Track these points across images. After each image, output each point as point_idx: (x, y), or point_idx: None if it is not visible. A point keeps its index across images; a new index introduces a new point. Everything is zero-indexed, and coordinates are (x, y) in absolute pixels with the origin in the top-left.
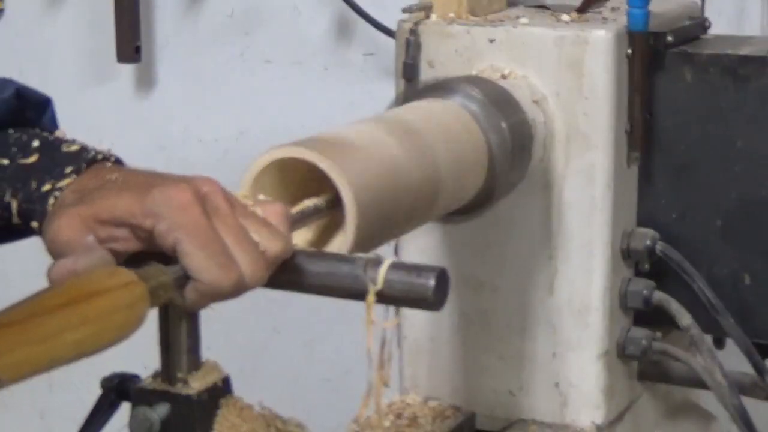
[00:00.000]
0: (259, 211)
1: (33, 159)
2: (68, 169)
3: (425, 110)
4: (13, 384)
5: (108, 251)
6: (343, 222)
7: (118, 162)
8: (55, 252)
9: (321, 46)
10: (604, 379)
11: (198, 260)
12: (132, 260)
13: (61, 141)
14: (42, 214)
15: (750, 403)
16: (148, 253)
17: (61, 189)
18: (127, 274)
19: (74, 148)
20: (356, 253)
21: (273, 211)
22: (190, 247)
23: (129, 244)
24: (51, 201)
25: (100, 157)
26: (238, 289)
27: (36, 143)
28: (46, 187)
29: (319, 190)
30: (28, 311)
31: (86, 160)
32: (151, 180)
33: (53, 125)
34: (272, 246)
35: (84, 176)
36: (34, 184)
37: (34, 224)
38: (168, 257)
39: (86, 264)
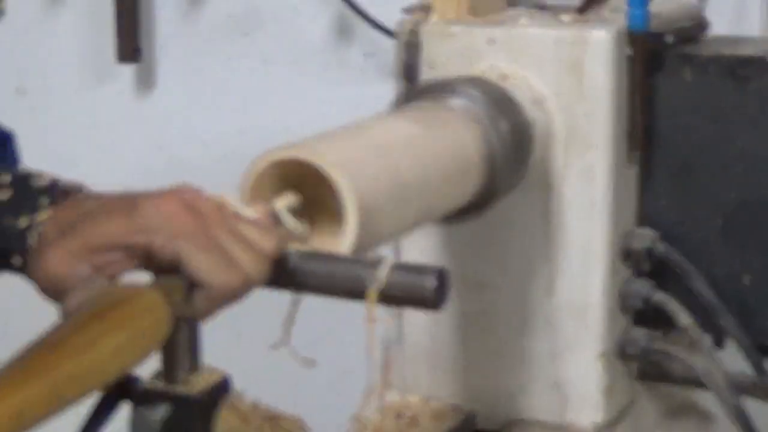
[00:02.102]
0: (244, 210)
1: (7, 195)
2: (44, 202)
3: (425, 110)
4: (73, 403)
5: (107, 277)
6: (344, 222)
7: (89, 191)
8: (51, 290)
9: (321, 46)
10: (603, 379)
11: (205, 265)
12: None
13: (31, 174)
14: (23, 252)
15: (750, 404)
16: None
17: (40, 224)
18: (146, 290)
19: (44, 182)
20: (356, 254)
21: (257, 209)
22: (194, 254)
23: (125, 265)
24: (33, 238)
25: (71, 188)
26: (246, 289)
27: (7, 178)
28: (23, 222)
29: (319, 190)
30: (63, 331)
31: (61, 192)
32: (131, 198)
33: (15, 160)
34: (266, 243)
35: (61, 209)
36: (9, 221)
37: (15, 261)
38: (166, 270)
39: (89, 295)
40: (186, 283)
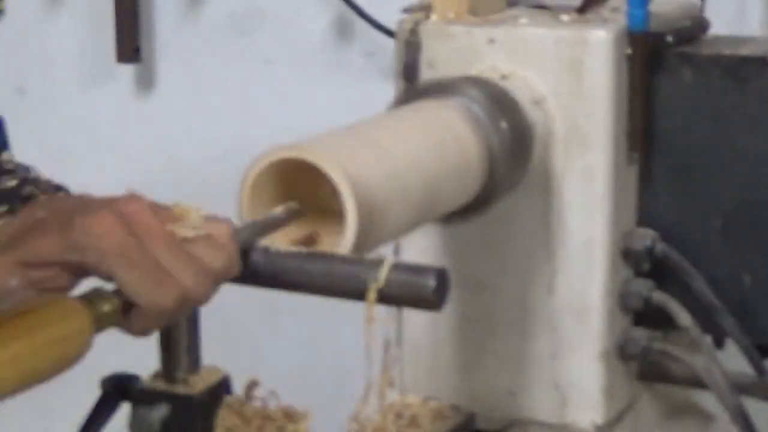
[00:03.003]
0: (198, 225)
1: None
2: (2, 209)
3: (425, 110)
4: None
5: (41, 291)
6: (343, 222)
7: (59, 189)
8: None
9: (321, 46)
10: (603, 379)
11: (132, 282)
12: None
13: (1, 172)
14: None
15: (750, 404)
16: None
17: None
18: (66, 299)
19: (12, 182)
20: (356, 254)
21: (216, 226)
22: (122, 271)
23: (62, 281)
24: None
25: (36, 192)
26: (181, 306)
27: None
28: None
29: (319, 190)
30: None
31: (20, 198)
32: (73, 212)
33: (2, 145)
34: (213, 259)
35: (14, 219)
36: None
37: None
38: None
39: (9, 304)
40: (122, 299)
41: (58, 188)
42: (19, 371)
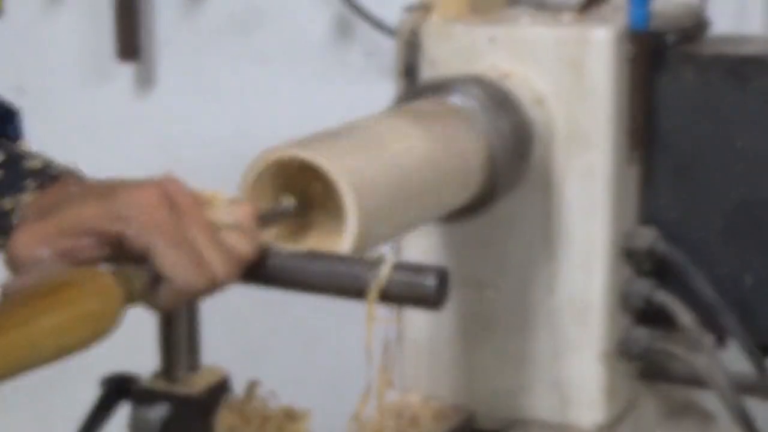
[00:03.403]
0: (227, 211)
1: None
2: (31, 186)
3: (425, 110)
4: (5, 380)
5: (72, 261)
6: (344, 222)
7: (81, 178)
8: (13, 270)
9: (321, 46)
10: (604, 378)
11: (172, 260)
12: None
13: (24, 155)
14: (6, 233)
15: (750, 403)
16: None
17: (24, 206)
18: (101, 274)
19: (37, 164)
20: (356, 254)
21: (241, 211)
22: (163, 248)
23: (96, 252)
24: (15, 219)
25: (63, 173)
26: (211, 288)
27: (1, 157)
28: (8, 204)
29: (319, 189)
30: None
31: (49, 176)
32: (114, 186)
33: (17, 135)
34: (241, 246)
35: (46, 193)
36: None
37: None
38: (137, 260)
39: (40, 276)
40: (152, 275)
41: (81, 175)
42: (56, 342)
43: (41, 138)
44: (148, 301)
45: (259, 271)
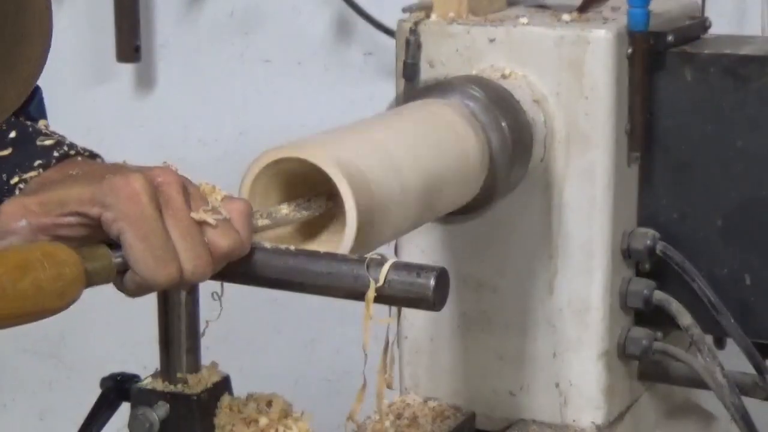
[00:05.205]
0: (220, 206)
1: (6, 152)
2: (36, 163)
3: (425, 110)
4: None
5: (51, 237)
6: (344, 222)
7: (92, 157)
8: None
9: (321, 46)
10: (604, 379)
11: (136, 252)
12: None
13: (37, 134)
14: None
15: (750, 403)
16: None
17: (26, 181)
18: (63, 248)
19: (48, 142)
20: (356, 254)
21: (234, 206)
22: (131, 239)
23: (76, 230)
24: (17, 193)
25: (72, 152)
26: (173, 284)
27: (13, 134)
28: (15, 180)
29: (321, 190)
30: None
31: (57, 155)
32: (107, 171)
33: (39, 114)
34: (221, 242)
35: (50, 171)
36: (4, 177)
37: None
38: (114, 245)
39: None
40: (122, 261)
41: (94, 155)
42: (8, 306)
43: None
44: (116, 285)
45: (258, 271)
